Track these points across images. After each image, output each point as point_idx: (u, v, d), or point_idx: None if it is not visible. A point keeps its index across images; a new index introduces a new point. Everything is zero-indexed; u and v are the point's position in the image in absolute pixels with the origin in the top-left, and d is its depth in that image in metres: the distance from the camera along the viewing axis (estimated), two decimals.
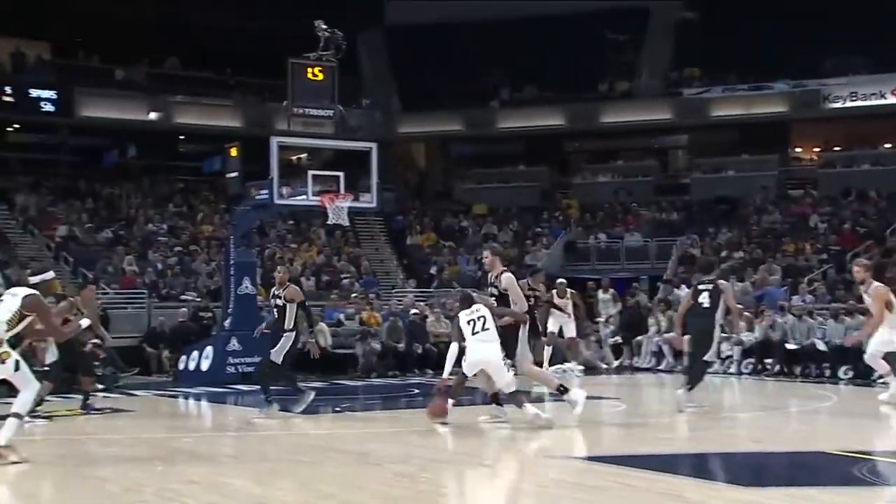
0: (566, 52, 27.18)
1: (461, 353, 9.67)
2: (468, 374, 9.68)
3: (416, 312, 18.09)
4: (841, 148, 27.96)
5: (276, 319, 10.87)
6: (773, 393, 14.23)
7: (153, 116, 26.23)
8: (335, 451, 8.65)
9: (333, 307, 19.05)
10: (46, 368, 11.51)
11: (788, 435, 10.12)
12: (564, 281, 16.52)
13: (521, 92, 30.33)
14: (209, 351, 15.66)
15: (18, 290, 7.90)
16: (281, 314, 10.79)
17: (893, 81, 25.76)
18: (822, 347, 15.52)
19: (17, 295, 7.76)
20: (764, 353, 16.11)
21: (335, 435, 10.00)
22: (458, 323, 9.74)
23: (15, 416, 7.65)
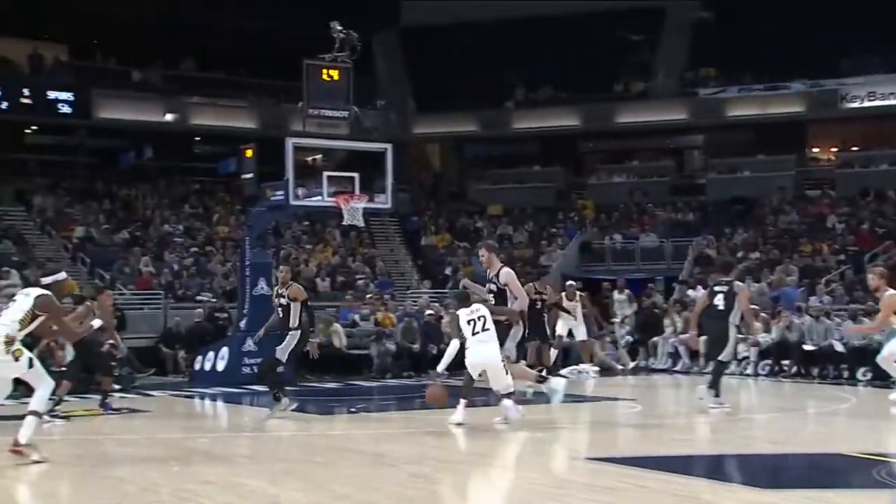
0: (581, 52, 27.13)
1: (461, 349, 9.64)
2: (473, 375, 9.64)
3: (430, 313, 18.09)
4: (859, 148, 27.79)
5: (280, 319, 10.86)
6: (790, 394, 14.14)
7: (169, 118, 26.37)
8: (350, 451, 8.66)
9: (348, 308, 19.08)
10: (64, 369, 11.61)
11: (806, 436, 10.05)
12: (574, 283, 16.52)
13: (536, 92, 30.30)
14: (225, 352, 15.72)
15: (31, 290, 7.99)
16: (286, 313, 10.79)
17: None
18: (839, 349, 15.41)
19: (29, 295, 7.85)
20: (781, 354, 16.02)
21: (350, 436, 10.01)
22: (457, 320, 9.68)
23: (33, 413, 7.72)
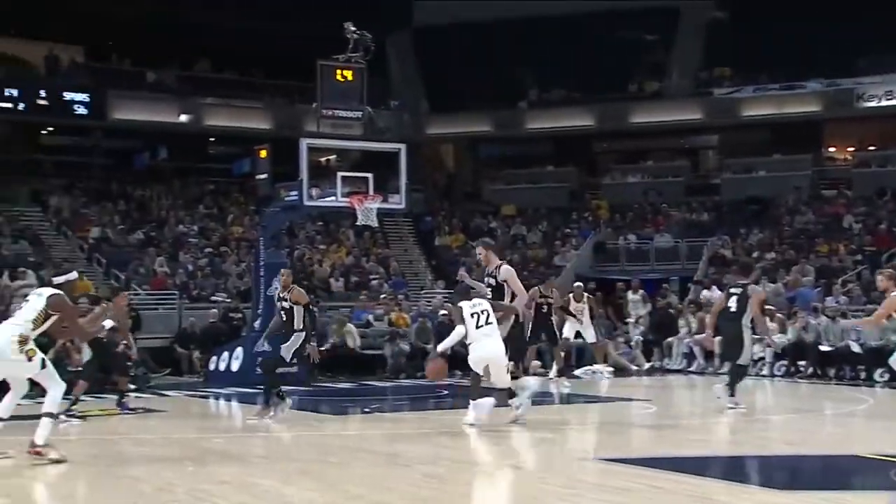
0: (595, 52, 27.06)
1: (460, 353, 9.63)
2: (478, 370, 9.56)
3: (444, 313, 18.05)
4: (876, 147, 27.58)
5: (283, 322, 10.78)
6: (806, 395, 14.06)
7: (184, 119, 26.47)
8: (364, 451, 8.67)
9: (362, 308, 19.11)
10: (80, 369, 11.67)
11: (822, 438, 9.98)
12: (581, 284, 16.52)
13: (549, 92, 30.24)
14: (239, 352, 15.76)
15: (44, 290, 8.05)
16: (289, 317, 10.72)
17: None
18: (856, 349, 15.31)
19: (42, 295, 7.91)
20: (797, 355, 15.92)
21: (364, 436, 10.03)
22: (460, 311, 9.61)
23: (48, 415, 7.76)
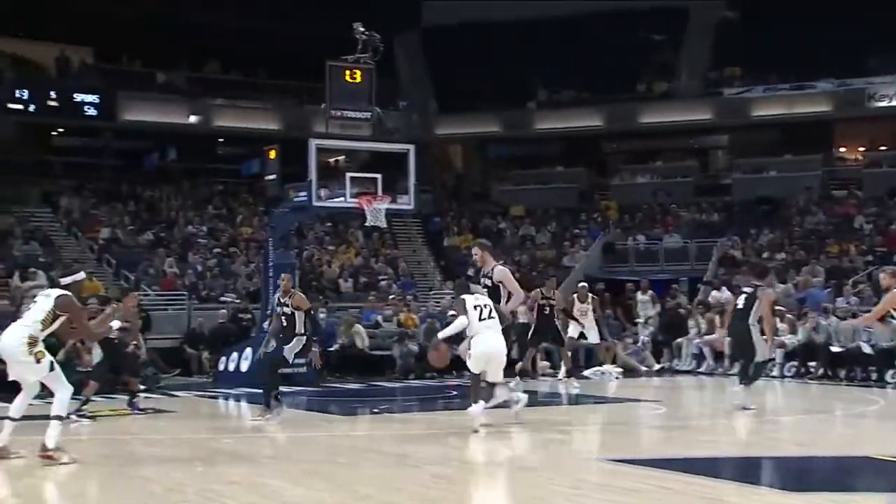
0: (604, 52, 27.00)
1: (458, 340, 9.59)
2: (477, 371, 9.45)
3: (453, 314, 18.04)
4: (887, 147, 27.44)
5: (283, 327, 10.73)
6: (816, 396, 13.99)
7: (193, 120, 26.54)
8: (373, 452, 8.67)
9: (371, 309, 19.12)
10: (90, 369, 11.71)
11: (833, 439, 9.94)
12: (585, 284, 16.52)
13: (558, 93, 30.20)
14: (248, 352, 15.78)
15: (52, 290, 8.08)
16: (290, 322, 10.68)
17: None
18: (867, 350, 15.23)
19: (49, 296, 7.94)
20: (807, 355, 15.86)
21: (373, 436, 10.03)
22: (463, 303, 9.53)
23: (56, 417, 7.79)
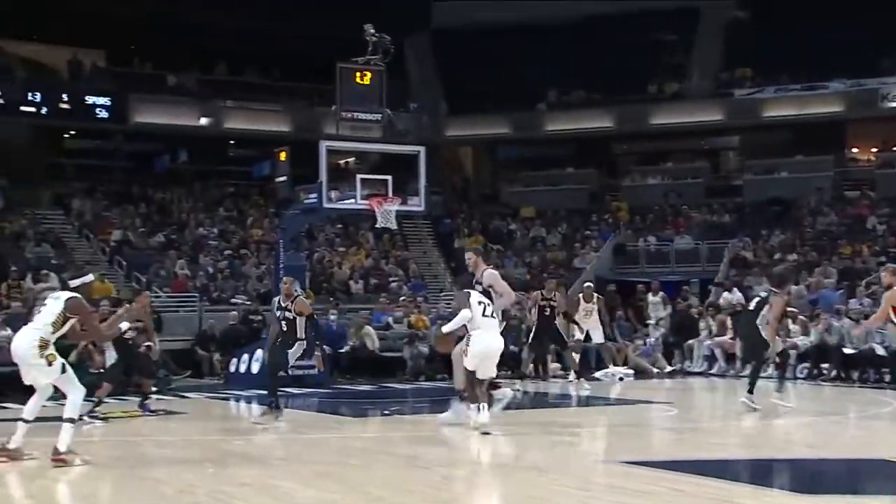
0: (615, 53, 26.94)
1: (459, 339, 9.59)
2: (471, 368, 9.47)
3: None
4: None
5: (284, 332, 10.69)
6: (829, 398, 13.93)
7: (204, 122, 26.61)
8: (384, 453, 8.67)
9: (382, 310, 19.12)
10: (102, 371, 11.75)
11: (846, 441, 9.89)
12: (591, 284, 16.50)
13: (568, 94, 30.13)
14: (259, 354, 15.77)
15: (61, 293, 8.09)
16: (290, 327, 10.66)
17: None
18: (881, 352, 15.14)
19: (59, 298, 7.96)
20: (820, 357, 15.79)
21: (384, 438, 10.03)
22: (467, 295, 9.57)
23: (69, 420, 7.81)
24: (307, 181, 15.43)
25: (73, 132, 27.25)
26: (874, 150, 28.15)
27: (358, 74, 15.57)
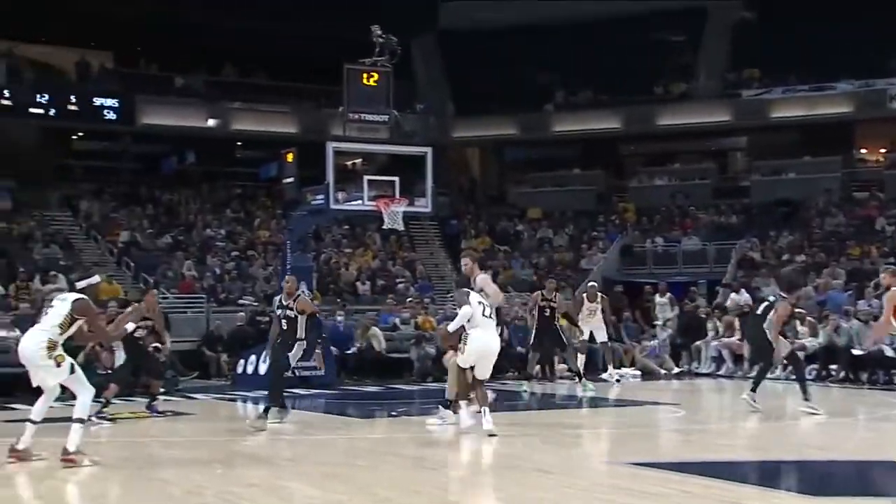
0: (622, 54, 26.92)
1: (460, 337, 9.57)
2: (465, 366, 9.52)
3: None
4: None
5: (285, 331, 10.64)
6: (838, 399, 13.86)
7: (211, 123, 26.66)
8: (391, 455, 8.67)
9: (389, 311, 19.13)
10: (110, 371, 11.78)
11: (856, 443, 9.85)
12: (595, 284, 16.46)
13: (575, 95, 30.12)
14: (266, 355, 15.80)
15: (68, 294, 8.13)
16: (291, 325, 10.61)
17: None
18: (890, 353, 15.08)
19: (66, 299, 7.99)
20: (828, 358, 15.73)
21: (391, 439, 10.03)
22: (467, 293, 9.59)
23: (78, 421, 7.83)
24: (314, 182, 15.45)
25: (81, 134, 27.34)
26: (883, 150, 28.06)
27: (365, 76, 15.58)
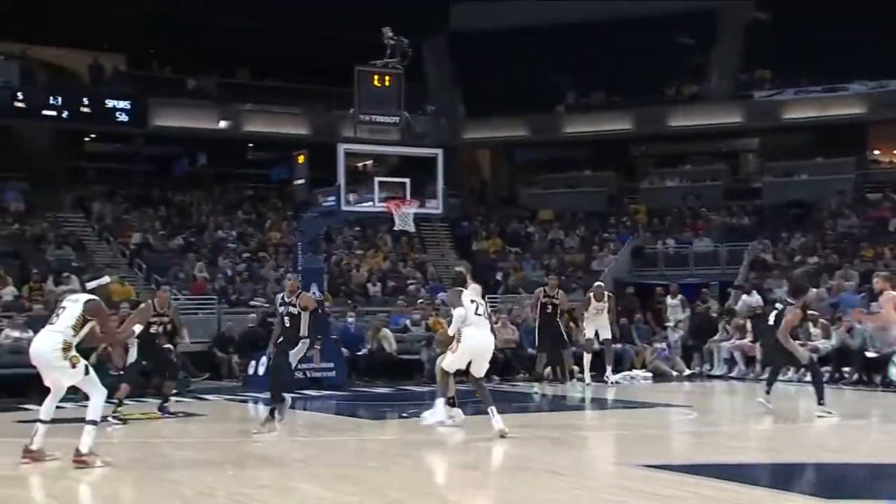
0: (633, 55, 26.86)
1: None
2: (455, 367, 9.58)
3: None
4: None
5: (287, 328, 10.62)
6: (851, 402, 13.77)
7: (223, 125, 26.74)
8: (402, 456, 8.67)
9: (399, 313, 19.13)
10: (122, 372, 11.81)
11: (870, 445, 9.80)
12: (602, 284, 16.44)
13: (587, 96, 30.09)
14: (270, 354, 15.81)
15: (80, 296, 8.15)
16: (294, 322, 10.59)
17: None
18: None
19: (78, 301, 8.02)
20: (841, 360, 15.63)
21: (402, 440, 10.03)
22: (459, 293, 9.61)
23: (91, 422, 7.85)
24: (325, 184, 15.46)
25: (93, 136, 27.46)
26: None
27: (376, 77, 15.58)
